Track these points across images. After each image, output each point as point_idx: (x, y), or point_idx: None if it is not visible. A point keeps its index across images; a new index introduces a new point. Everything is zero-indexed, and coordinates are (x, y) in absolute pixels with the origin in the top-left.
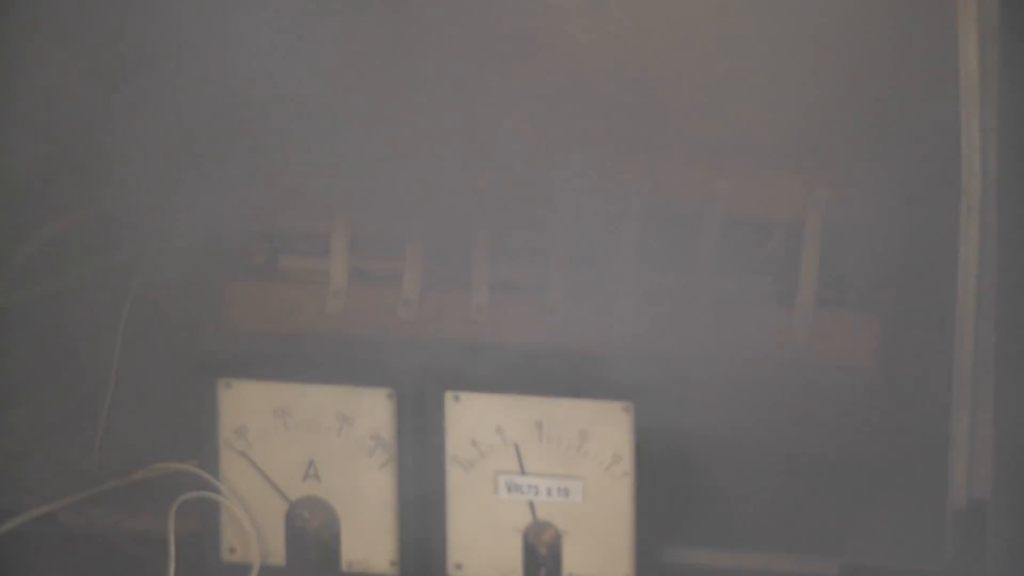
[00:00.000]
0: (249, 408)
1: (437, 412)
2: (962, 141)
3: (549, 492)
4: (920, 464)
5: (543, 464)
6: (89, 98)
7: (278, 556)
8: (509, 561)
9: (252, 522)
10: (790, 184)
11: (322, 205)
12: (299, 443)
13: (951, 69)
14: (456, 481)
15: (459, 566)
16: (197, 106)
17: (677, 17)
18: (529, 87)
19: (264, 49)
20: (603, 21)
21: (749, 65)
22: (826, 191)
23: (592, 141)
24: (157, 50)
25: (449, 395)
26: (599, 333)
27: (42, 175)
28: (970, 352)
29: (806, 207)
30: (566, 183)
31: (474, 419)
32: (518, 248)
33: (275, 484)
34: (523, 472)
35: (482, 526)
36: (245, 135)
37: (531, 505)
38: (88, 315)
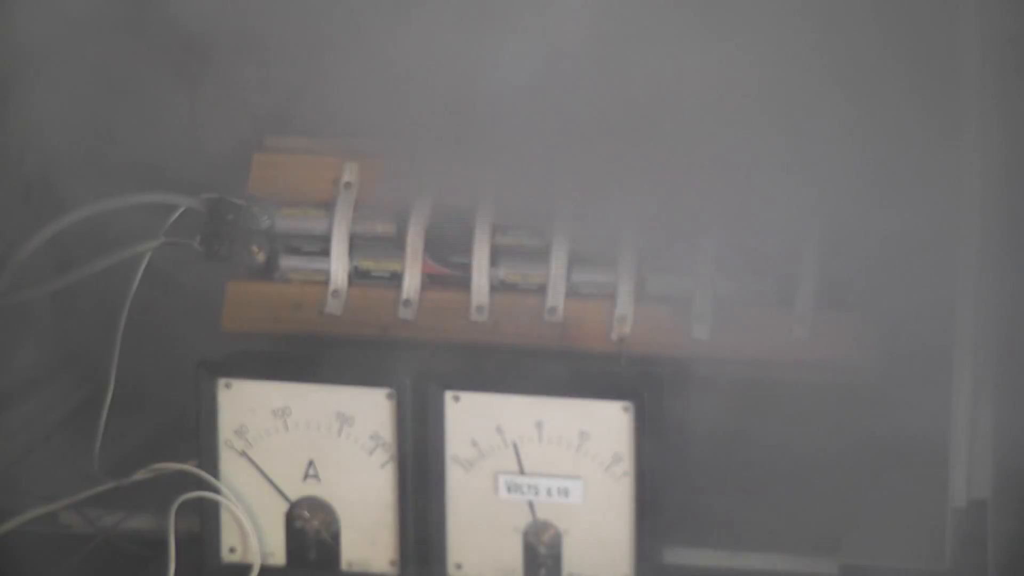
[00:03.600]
0: (249, 408)
1: (437, 412)
2: (962, 142)
3: (549, 492)
4: (920, 464)
5: (543, 464)
6: (88, 96)
7: (278, 556)
8: (509, 561)
9: (252, 522)
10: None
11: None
12: (299, 443)
13: (951, 69)
14: (456, 481)
15: (459, 566)
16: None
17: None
18: (531, 90)
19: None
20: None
21: (745, 62)
22: (825, 190)
23: (593, 141)
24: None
25: (449, 395)
26: (599, 333)
27: (42, 175)
28: (970, 352)
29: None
30: (567, 183)
31: (474, 419)
32: (518, 248)
33: (275, 484)
34: (523, 472)
35: (482, 526)
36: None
37: (531, 505)
38: (88, 315)
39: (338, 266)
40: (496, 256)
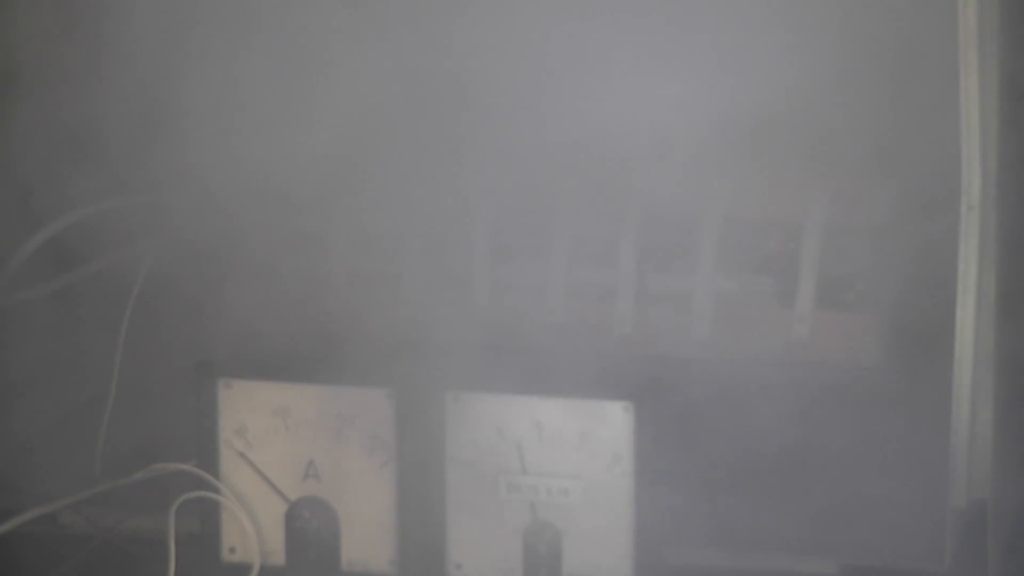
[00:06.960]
0: (249, 408)
1: (437, 412)
2: (962, 141)
3: (549, 492)
4: (920, 464)
5: (543, 464)
6: (87, 95)
7: (278, 556)
8: (509, 561)
9: (252, 522)
10: (790, 183)
11: (322, 205)
12: (299, 443)
13: (952, 69)
14: (456, 481)
15: (459, 566)
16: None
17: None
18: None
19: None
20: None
21: (746, 63)
22: (826, 190)
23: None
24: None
25: (449, 395)
26: (599, 333)
27: (42, 175)
28: (970, 352)
29: (806, 206)
30: (567, 183)
31: (474, 419)
32: (519, 249)
33: (275, 484)
34: (523, 472)
35: (482, 526)
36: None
37: (531, 505)
38: (89, 315)
39: (340, 266)
40: (497, 256)
